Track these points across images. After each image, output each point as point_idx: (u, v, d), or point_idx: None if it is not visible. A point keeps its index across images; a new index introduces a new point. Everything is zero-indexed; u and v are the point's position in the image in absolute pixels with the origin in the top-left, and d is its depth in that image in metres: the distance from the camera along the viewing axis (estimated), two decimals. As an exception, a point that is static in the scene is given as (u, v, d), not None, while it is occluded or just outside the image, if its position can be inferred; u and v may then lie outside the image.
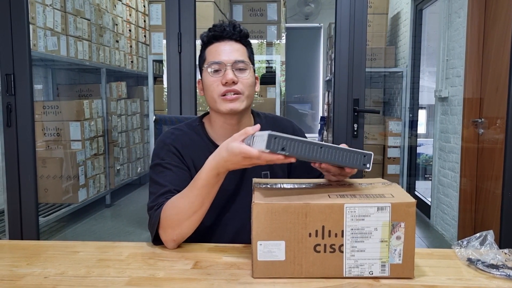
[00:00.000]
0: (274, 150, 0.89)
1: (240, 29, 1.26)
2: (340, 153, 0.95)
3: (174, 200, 1.12)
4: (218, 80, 1.22)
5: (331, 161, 0.94)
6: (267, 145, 0.88)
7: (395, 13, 4.90)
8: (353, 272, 0.93)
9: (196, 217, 1.09)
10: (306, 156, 0.91)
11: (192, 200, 1.08)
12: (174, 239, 1.12)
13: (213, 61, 1.23)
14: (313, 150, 0.92)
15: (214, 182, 1.06)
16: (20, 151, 2.41)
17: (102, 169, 4.33)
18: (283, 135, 0.89)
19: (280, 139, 0.89)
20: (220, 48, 1.24)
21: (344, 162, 0.96)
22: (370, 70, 4.38)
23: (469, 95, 3.05)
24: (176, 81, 2.43)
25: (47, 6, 3.46)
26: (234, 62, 1.22)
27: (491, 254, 1.02)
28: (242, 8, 3.89)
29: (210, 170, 1.04)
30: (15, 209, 2.44)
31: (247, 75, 1.24)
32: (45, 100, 4.22)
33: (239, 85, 1.22)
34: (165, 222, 1.11)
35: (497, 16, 2.80)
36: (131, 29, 5.12)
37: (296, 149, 0.90)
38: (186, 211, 1.09)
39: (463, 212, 3.15)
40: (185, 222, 1.09)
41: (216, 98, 1.22)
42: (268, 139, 0.88)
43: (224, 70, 1.22)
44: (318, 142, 0.93)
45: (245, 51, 1.27)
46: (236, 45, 1.25)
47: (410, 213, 0.92)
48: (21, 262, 1.05)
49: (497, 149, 2.74)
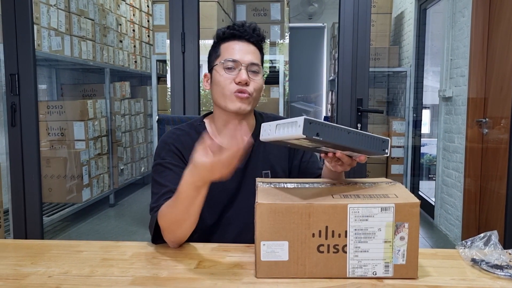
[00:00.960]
0: (310, 135, 0.87)
1: (259, 33, 1.27)
2: (364, 138, 0.95)
3: (164, 207, 1.10)
4: (231, 78, 1.22)
5: (355, 146, 0.95)
6: (304, 130, 0.86)
7: (399, 13, 4.89)
8: (357, 273, 0.93)
9: (186, 225, 1.08)
10: (337, 141, 0.92)
11: (178, 212, 1.06)
12: (173, 241, 1.13)
13: (230, 58, 1.23)
14: (342, 135, 0.92)
15: (195, 195, 1.01)
16: (25, 151, 2.42)
17: (106, 169, 4.34)
18: (316, 120, 0.89)
19: (315, 124, 0.88)
20: (237, 46, 1.24)
21: (367, 147, 0.96)
22: (374, 69, 4.38)
23: (473, 95, 3.04)
24: (179, 81, 2.43)
25: (51, 6, 3.47)
26: (249, 63, 1.23)
27: (495, 254, 1.01)
28: (246, 8, 3.89)
29: (188, 185, 1.00)
30: (20, 209, 2.45)
31: (259, 78, 1.25)
32: (49, 100, 4.23)
33: (251, 87, 1.22)
34: (162, 226, 1.11)
35: (502, 15, 2.79)
36: (135, 29, 5.13)
37: (329, 134, 0.90)
38: (175, 220, 1.07)
39: (467, 212, 3.14)
40: (177, 229, 1.09)
41: (227, 95, 1.22)
42: (304, 124, 0.87)
43: (238, 69, 1.22)
44: (345, 127, 0.93)
45: (259, 55, 1.28)
46: (252, 47, 1.26)
47: (414, 214, 0.91)
48: (25, 261, 1.05)
49: (501, 149, 2.73)
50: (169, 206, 1.09)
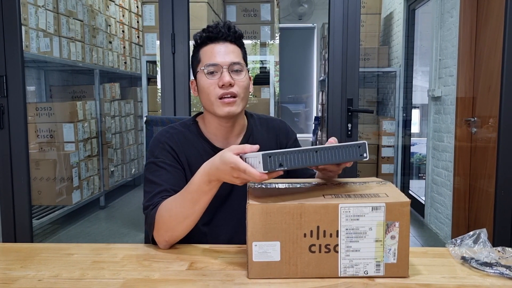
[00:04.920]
0: (272, 169, 0.88)
1: (235, 30, 1.25)
2: (336, 152, 0.95)
3: (168, 202, 1.12)
4: (215, 83, 1.21)
5: (329, 161, 0.94)
6: (264, 167, 0.87)
7: (388, 13, 4.92)
8: (348, 272, 0.94)
9: (188, 222, 1.09)
10: (304, 164, 0.91)
11: (184, 204, 1.08)
12: (167, 240, 1.12)
13: (209, 63, 1.21)
14: (309, 157, 0.92)
15: (206, 189, 1.04)
16: (13, 153, 2.39)
17: (96, 171, 4.31)
18: (276, 151, 0.88)
19: (276, 156, 0.88)
20: (215, 49, 1.22)
21: (341, 158, 0.96)
22: (364, 70, 4.40)
23: (462, 94, 3.07)
24: (170, 81, 2.42)
25: (39, 7, 3.44)
26: (230, 64, 1.21)
27: (484, 252, 1.02)
28: (236, 9, 3.89)
29: (202, 175, 1.04)
30: (8, 212, 2.42)
31: (243, 77, 1.23)
32: (38, 101, 4.19)
33: (236, 88, 1.21)
34: (159, 223, 1.11)
35: (489, 15, 2.82)
36: (124, 30, 5.10)
37: (293, 161, 0.90)
38: (178, 215, 1.08)
39: (456, 210, 3.17)
40: (177, 226, 1.10)
41: (213, 101, 1.21)
42: (263, 159, 0.87)
43: (220, 72, 1.21)
44: (311, 147, 0.92)
45: (240, 52, 1.26)
46: (231, 46, 1.24)
47: (404, 213, 0.92)
48: (14, 265, 1.04)
49: (490, 148, 2.76)
50: (173, 201, 1.10)
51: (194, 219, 1.09)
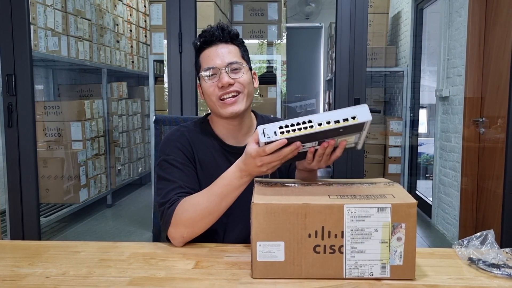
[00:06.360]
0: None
1: (228, 31, 1.26)
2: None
3: (192, 197, 1.14)
4: (215, 85, 1.23)
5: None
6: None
7: (396, 13, 4.89)
8: (353, 273, 0.93)
9: (211, 218, 1.11)
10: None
11: (211, 199, 1.10)
12: (184, 236, 1.14)
13: (207, 67, 1.24)
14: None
15: (237, 184, 1.08)
16: (21, 152, 2.41)
17: (103, 169, 4.33)
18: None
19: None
20: (212, 53, 1.25)
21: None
22: (371, 69, 4.38)
23: (470, 95, 3.04)
24: (177, 81, 2.43)
25: (48, 7, 3.46)
26: (227, 64, 1.23)
27: (492, 253, 1.02)
28: (243, 8, 3.89)
29: (234, 171, 1.07)
30: (17, 210, 2.44)
31: (241, 75, 1.24)
32: (46, 100, 4.22)
33: (236, 85, 1.23)
34: (179, 219, 1.12)
35: (498, 15, 2.80)
36: (132, 29, 5.12)
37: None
38: (203, 210, 1.10)
39: (464, 211, 3.15)
40: (199, 222, 1.11)
41: (215, 102, 1.24)
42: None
43: (219, 74, 1.23)
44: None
45: (238, 51, 1.28)
46: (227, 47, 1.26)
47: (411, 214, 0.91)
48: (22, 262, 1.05)
49: (498, 149, 2.74)
50: (199, 196, 1.12)
51: (217, 216, 1.12)
